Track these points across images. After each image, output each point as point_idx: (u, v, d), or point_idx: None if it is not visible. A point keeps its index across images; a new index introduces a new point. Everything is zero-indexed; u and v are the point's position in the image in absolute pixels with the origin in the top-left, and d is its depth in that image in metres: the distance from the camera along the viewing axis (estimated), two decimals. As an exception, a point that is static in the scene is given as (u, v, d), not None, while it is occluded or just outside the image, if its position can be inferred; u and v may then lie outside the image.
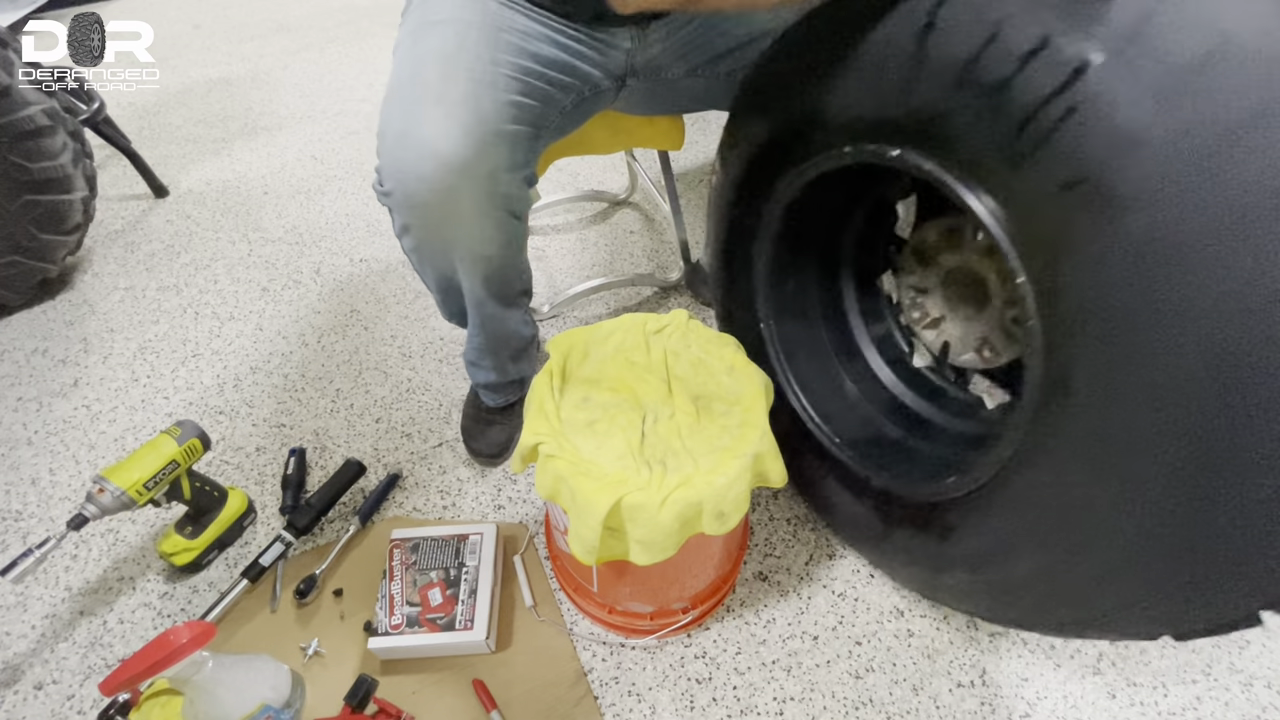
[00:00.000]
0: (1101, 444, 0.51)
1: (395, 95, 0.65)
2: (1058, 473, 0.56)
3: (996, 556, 0.64)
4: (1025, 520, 0.60)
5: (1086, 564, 0.56)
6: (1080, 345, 0.51)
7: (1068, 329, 0.51)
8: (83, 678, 0.80)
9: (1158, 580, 0.52)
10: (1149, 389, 0.47)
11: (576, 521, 0.61)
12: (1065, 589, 0.59)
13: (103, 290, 1.38)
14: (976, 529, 0.65)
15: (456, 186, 0.63)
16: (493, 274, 0.76)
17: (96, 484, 0.77)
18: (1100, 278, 0.47)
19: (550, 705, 0.76)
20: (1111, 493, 0.52)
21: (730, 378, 0.71)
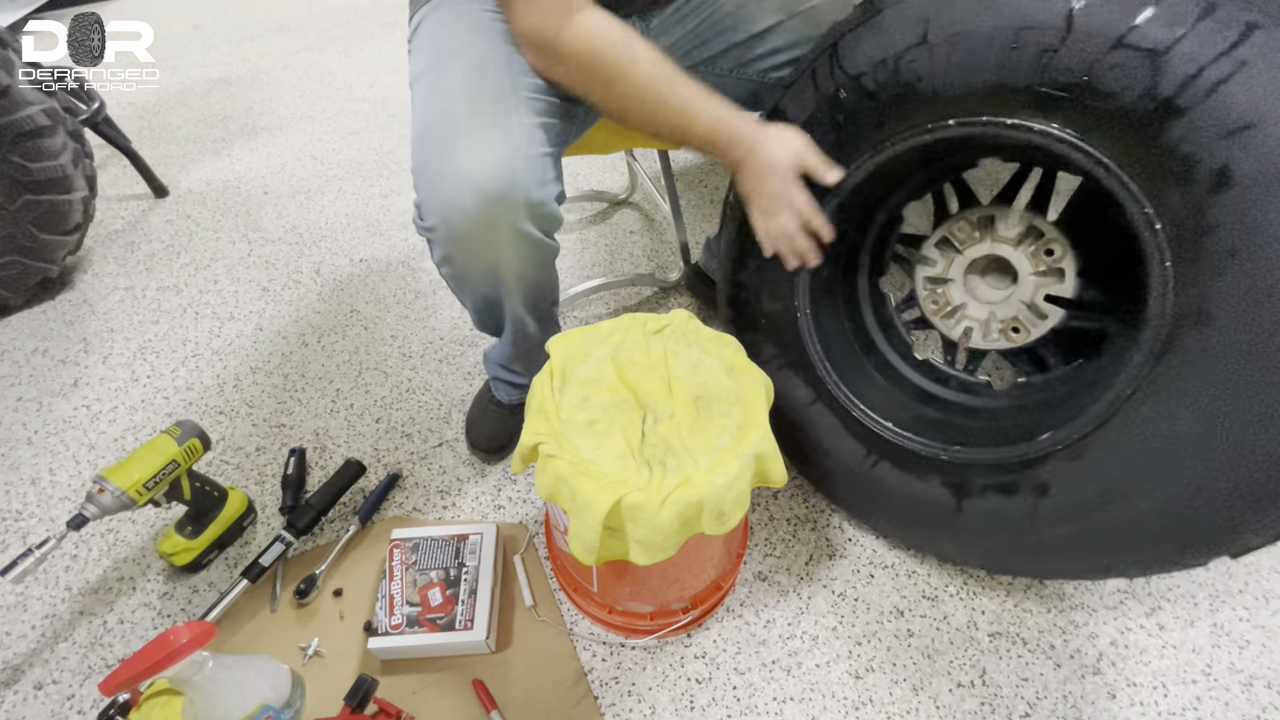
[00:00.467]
0: (1248, 361, 0.56)
1: (427, 133, 0.66)
2: (1193, 400, 0.60)
3: (1114, 498, 0.66)
4: (1151, 455, 0.63)
5: (1224, 481, 0.59)
6: (1229, 277, 0.56)
7: (1214, 264, 0.57)
8: (83, 678, 0.80)
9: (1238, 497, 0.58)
10: None
11: (576, 521, 0.61)
12: (1197, 513, 0.62)
13: (103, 290, 1.38)
14: (1085, 477, 0.67)
15: (496, 216, 0.64)
16: (529, 291, 0.77)
17: (96, 484, 0.77)
18: (1253, 212, 0.54)
19: (550, 705, 0.76)
20: (1258, 405, 0.56)
21: (730, 378, 0.71)
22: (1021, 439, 0.72)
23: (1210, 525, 0.62)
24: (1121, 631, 0.81)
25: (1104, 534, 0.68)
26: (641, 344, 0.74)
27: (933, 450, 0.78)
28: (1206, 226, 0.56)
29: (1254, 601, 0.84)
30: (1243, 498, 0.59)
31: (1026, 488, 0.71)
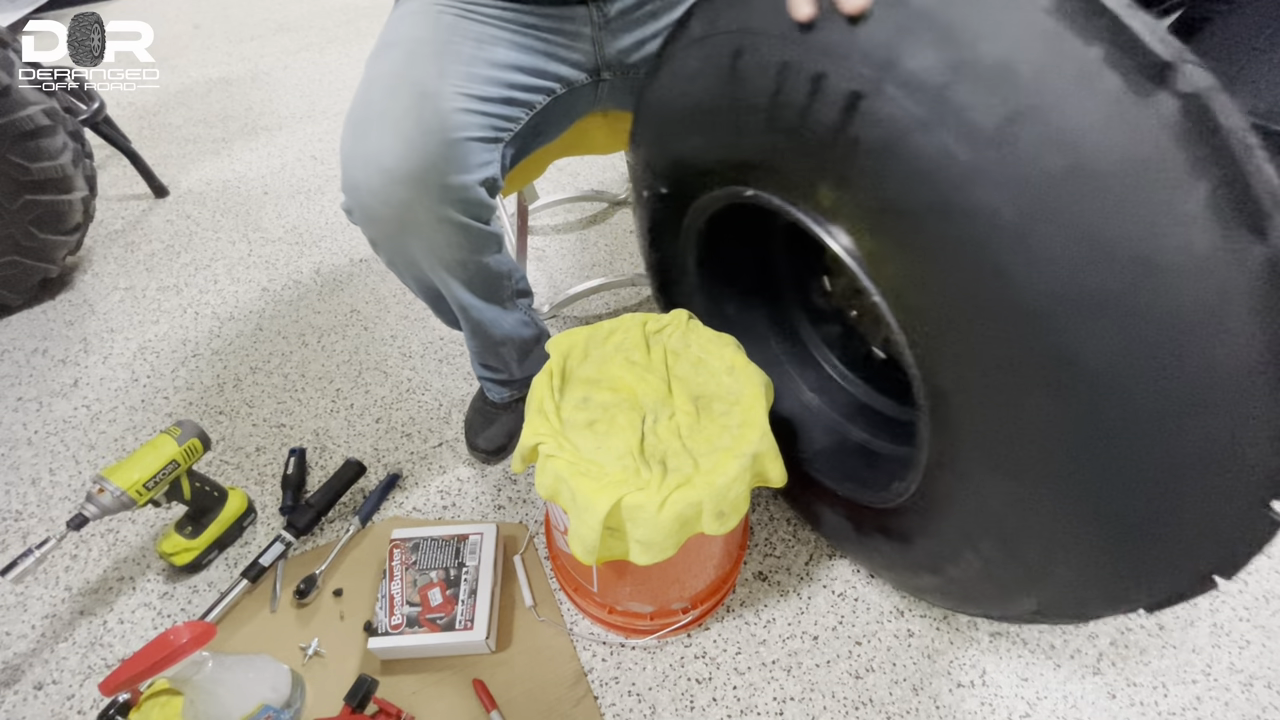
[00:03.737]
0: (989, 442, 0.53)
1: (349, 116, 0.68)
2: (967, 475, 0.57)
3: (947, 557, 0.65)
4: (958, 522, 0.61)
5: (1022, 558, 0.56)
6: (938, 351, 0.53)
7: (924, 336, 0.53)
8: (83, 678, 0.80)
9: (1093, 562, 0.52)
10: (1007, 383, 0.48)
11: (576, 521, 0.61)
12: (1013, 583, 0.60)
13: (103, 290, 1.38)
14: (925, 532, 0.66)
15: (408, 198, 0.65)
16: (473, 279, 0.76)
17: (96, 484, 0.77)
18: (932, 285, 0.50)
19: (550, 705, 0.76)
20: (1016, 487, 0.53)
21: (730, 377, 0.71)
22: (886, 485, 0.70)
23: (1037, 594, 0.59)
24: (1121, 631, 0.81)
25: (956, 586, 0.67)
26: (641, 344, 0.74)
27: (830, 483, 0.79)
28: (906, 303, 0.54)
29: (1254, 601, 0.84)
30: (1047, 573, 0.56)
31: (895, 533, 0.71)
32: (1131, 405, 0.43)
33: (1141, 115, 0.39)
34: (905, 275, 0.53)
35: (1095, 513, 0.49)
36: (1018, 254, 0.44)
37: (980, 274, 0.46)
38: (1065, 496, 0.50)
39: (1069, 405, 0.45)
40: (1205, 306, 0.40)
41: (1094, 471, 0.47)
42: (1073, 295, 0.42)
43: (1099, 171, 0.40)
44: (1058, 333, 0.44)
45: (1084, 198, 0.41)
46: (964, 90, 0.43)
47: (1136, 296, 0.40)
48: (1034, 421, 0.48)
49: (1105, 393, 0.43)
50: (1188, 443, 0.43)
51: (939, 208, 0.46)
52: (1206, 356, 0.40)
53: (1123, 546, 0.50)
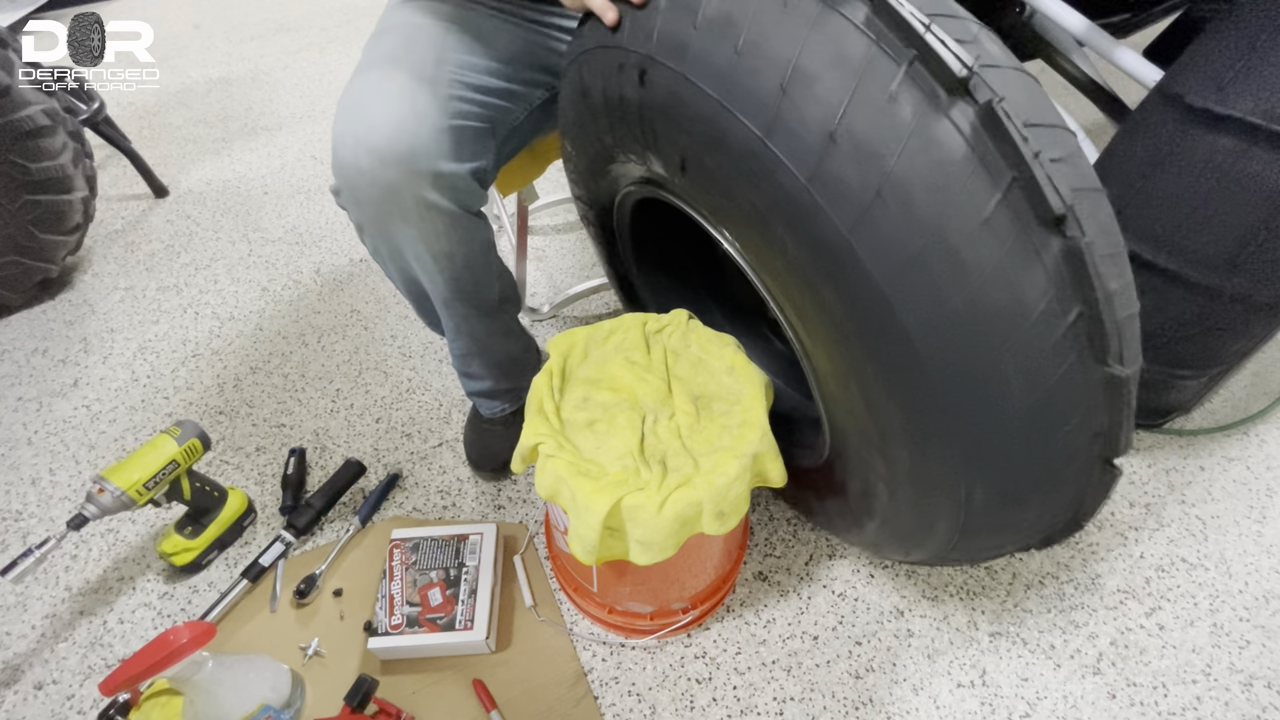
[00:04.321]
0: (853, 409, 0.59)
1: (344, 98, 0.67)
2: (847, 436, 0.64)
3: (872, 510, 0.68)
4: (860, 473, 0.66)
5: (908, 508, 0.62)
6: (793, 317, 0.59)
7: (786, 304, 0.59)
8: (83, 678, 0.80)
9: (964, 516, 0.57)
10: (856, 362, 0.54)
11: (576, 521, 0.61)
12: (913, 533, 0.65)
13: (103, 290, 1.38)
14: (849, 482, 0.70)
15: (396, 181, 0.65)
16: (459, 274, 0.75)
17: (96, 484, 0.77)
18: (765, 250, 0.56)
19: (550, 705, 0.76)
20: (883, 449, 0.58)
21: (730, 377, 0.71)
22: (814, 444, 0.75)
23: (941, 543, 0.64)
24: (1121, 631, 0.81)
25: (892, 536, 0.71)
26: (641, 344, 0.74)
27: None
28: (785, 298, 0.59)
29: (1254, 601, 0.84)
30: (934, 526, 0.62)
31: (835, 489, 0.74)
32: (957, 380, 0.47)
33: (937, 127, 0.42)
34: (740, 228, 0.58)
35: (955, 472, 0.54)
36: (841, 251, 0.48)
37: (793, 238, 0.51)
38: (923, 456, 0.55)
39: (907, 378, 0.50)
40: (1011, 297, 0.43)
41: (946, 441, 0.52)
42: (898, 295, 0.46)
43: (904, 183, 0.43)
44: (892, 319, 0.47)
45: (893, 212, 0.44)
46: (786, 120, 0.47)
47: (952, 294, 0.44)
48: (881, 393, 0.54)
49: (932, 367, 0.48)
50: (1015, 413, 0.48)
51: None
52: (1015, 337, 0.45)
53: (989, 506, 0.55)
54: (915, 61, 0.42)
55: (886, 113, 0.42)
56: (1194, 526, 0.92)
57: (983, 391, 0.47)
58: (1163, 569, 0.87)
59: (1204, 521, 0.92)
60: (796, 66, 0.45)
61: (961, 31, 0.43)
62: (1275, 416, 1.05)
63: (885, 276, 0.46)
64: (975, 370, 0.46)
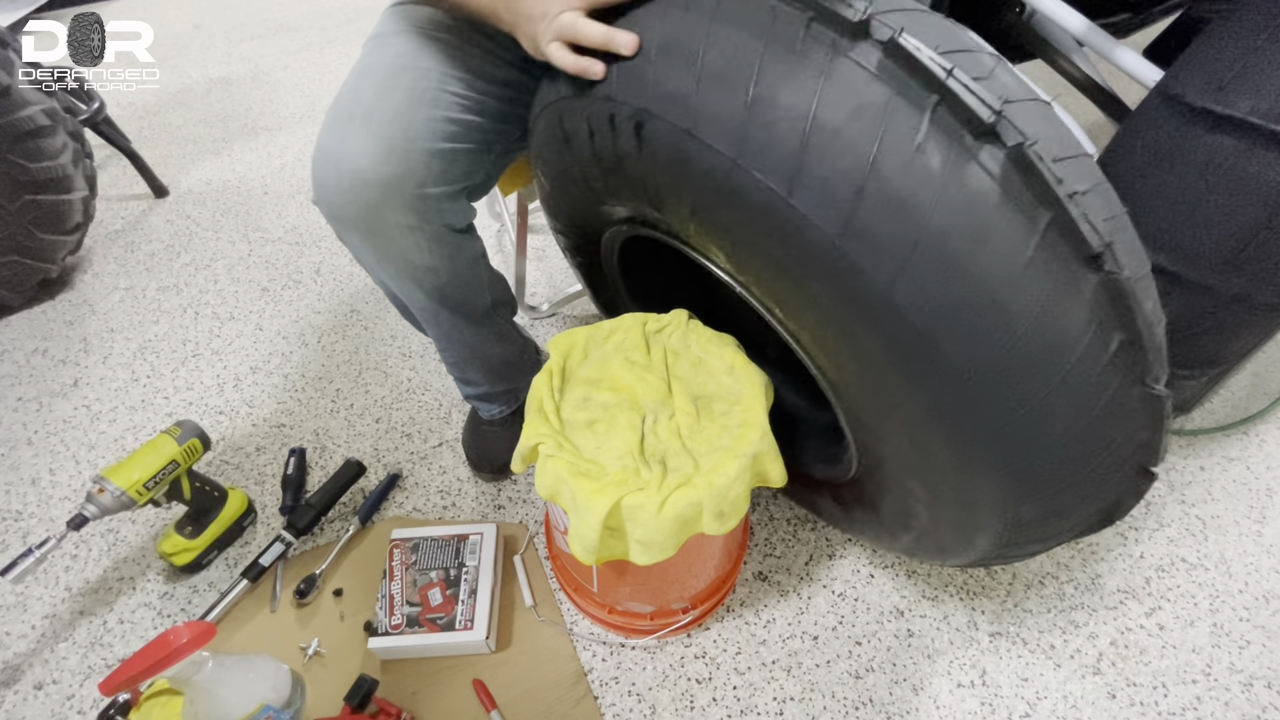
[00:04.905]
0: (883, 437, 0.59)
1: (332, 108, 0.65)
2: (880, 446, 0.62)
3: (905, 515, 0.68)
4: (896, 482, 0.65)
5: (948, 515, 0.61)
6: (819, 346, 0.57)
7: (802, 332, 0.58)
8: (83, 678, 0.80)
9: (1007, 517, 0.56)
10: (873, 379, 0.53)
11: (576, 521, 0.61)
12: (954, 537, 0.64)
13: (103, 290, 1.38)
14: (883, 495, 0.69)
15: (378, 202, 0.63)
16: (444, 287, 0.74)
17: (96, 484, 0.77)
18: (784, 290, 0.54)
19: (550, 705, 0.76)
20: (919, 467, 0.58)
21: (730, 377, 0.71)
22: (842, 459, 0.74)
23: (981, 544, 0.64)
24: (1121, 631, 0.81)
25: (929, 543, 0.70)
26: (641, 344, 0.74)
27: (801, 467, 0.80)
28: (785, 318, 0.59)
29: (1254, 601, 0.84)
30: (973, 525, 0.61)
31: (865, 501, 0.74)
32: (1004, 416, 0.47)
33: (969, 174, 0.41)
34: (760, 277, 0.56)
35: (1001, 497, 0.53)
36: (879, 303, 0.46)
37: (815, 277, 0.49)
38: (968, 485, 0.54)
39: (952, 417, 0.50)
40: (1056, 335, 0.43)
41: (993, 471, 0.51)
42: (941, 342, 0.45)
43: (941, 234, 0.42)
44: (936, 364, 0.47)
45: (932, 263, 0.43)
46: (810, 178, 0.45)
47: (998, 338, 0.44)
48: (925, 430, 0.53)
49: (979, 407, 0.47)
50: (1062, 441, 0.48)
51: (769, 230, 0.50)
52: (1062, 373, 0.44)
53: (1034, 522, 0.55)
54: (939, 106, 0.41)
55: (916, 163, 0.41)
56: (1194, 526, 0.92)
57: (1031, 425, 0.47)
58: (1163, 569, 0.87)
59: (1204, 521, 0.92)
60: (814, 120, 0.43)
61: (979, 68, 0.42)
62: (1275, 416, 1.05)
63: (928, 325, 0.45)
64: (1023, 406, 0.46)
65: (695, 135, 0.49)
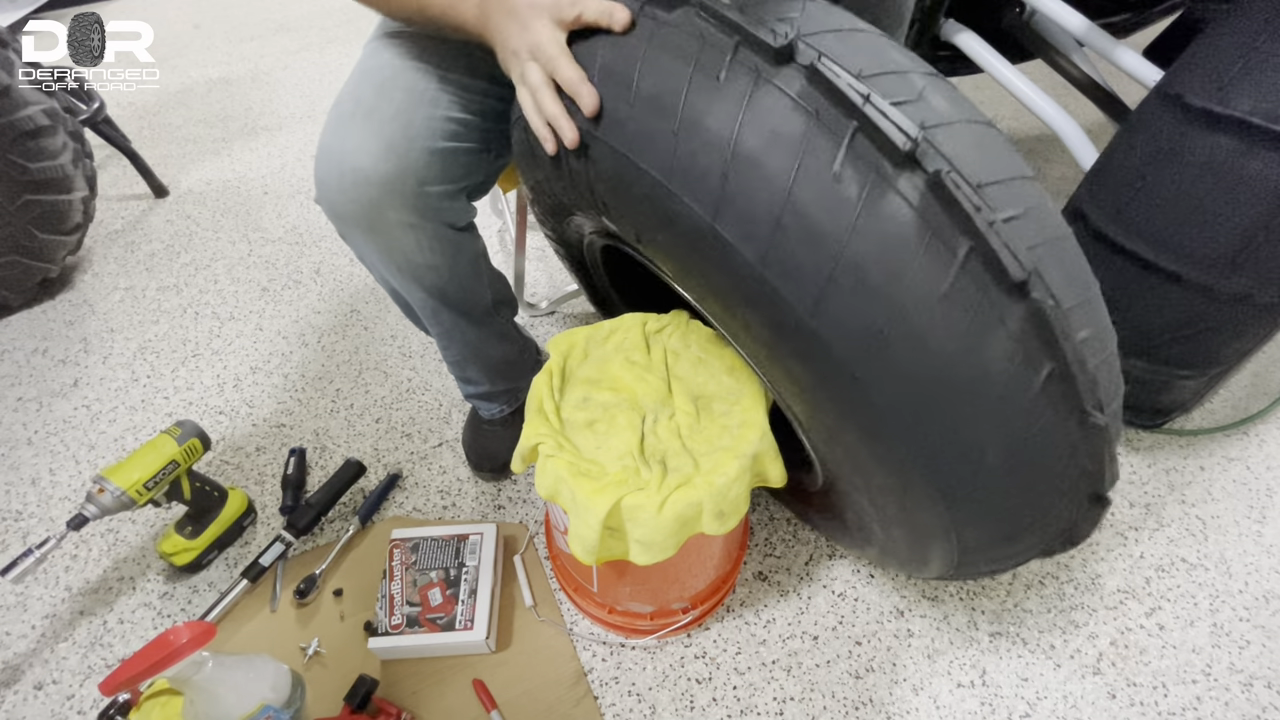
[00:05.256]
0: (829, 458, 0.60)
1: (334, 109, 0.66)
2: (841, 489, 0.64)
3: (870, 539, 0.68)
4: (855, 516, 0.67)
5: (902, 534, 0.61)
6: (769, 377, 0.57)
7: (749, 348, 0.57)
8: (83, 678, 0.80)
9: (945, 542, 0.56)
10: (821, 400, 0.52)
11: (576, 521, 0.61)
12: (911, 561, 0.64)
13: (103, 290, 1.38)
14: (846, 508, 0.70)
15: (379, 200, 0.63)
16: (445, 286, 0.74)
17: (96, 484, 0.77)
18: (718, 299, 0.54)
19: (550, 705, 0.76)
20: (867, 493, 0.58)
21: (730, 377, 0.71)
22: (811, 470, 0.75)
23: (943, 560, 0.63)
24: (1121, 631, 0.81)
25: (891, 555, 0.70)
26: (641, 343, 0.74)
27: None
28: None
29: (1254, 601, 0.84)
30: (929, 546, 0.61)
31: (835, 510, 0.75)
32: (934, 445, 0.47)
33: (887, 203, 0.40)
34: (700, 298, 0.55)
35: (943, 521, 0.52)
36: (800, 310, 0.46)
37: (744, 294, 0.48)
38: (910, 508, 0.54)
39: (883, 444, 0.49)
40: (978, 366, 0.42)
41: (931, 496, 0.50)
42: (863, 371, 0.45)
43: (857, 264, 0.41)
44: (860, 393, 0.46)
45: (849, 294, 0.42)
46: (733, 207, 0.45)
47: (918, 368, 0.43)
48: (861, 453, 0.53)
49: (907, 436, 0.47)
50: (996, 470, 0.47)
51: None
52: (987, 403, 0.43)
53: (981, 544, 0.55)
54: (857, 134, 0.40)
55: (832, 193, 0.40)
56: (1194, 526, 0.92)
57: (963, 454, 0.46)
58: (1163, 569, 0.87)
59: (1204, 521, 0.92)
60: (736, 148, 0.43)
61: (905, 90, 0.41)
62: (1275, 416, 1.05)
63: (849, 354, 0.44)
64: (952, 436, 0.45)
65: (632, 159, 0.48)
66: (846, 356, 0.44)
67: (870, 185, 0.40)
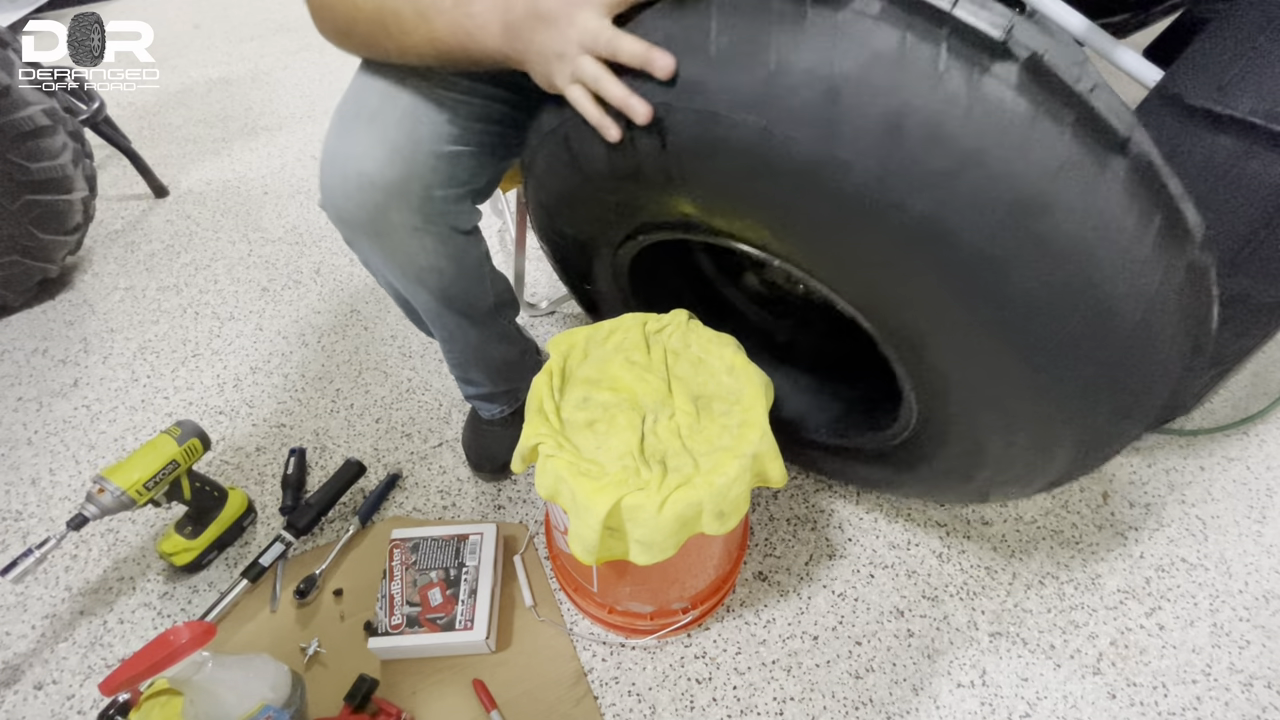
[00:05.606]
0: (949, 376, 0.60)
1: (337, 113, 0.65)
2: (949, 417, 0.65)
3: (982, 462, 0.69)
4: (966, 443, 0.67)
5: (1027, 438, 0.62)
6: (879, 312, 0.59)
7: (863, 295, 0.60)
8: (83, 678, 0.80)
9: (1076, 430, 0.59)
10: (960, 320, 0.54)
11: (576, 521, 0.61)
12: (1029, 470, 0.66)
13: (103, 290, 1.38)
14: (949, 451, 0.71)
15: (384, 204, 0.63)
16: (448, 289, 0.74)
17: (96, 484, 0.77)
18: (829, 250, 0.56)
19: (550, 705, 0.76)
20: (992, 396, 0.59)
21: (730, 377, 0.71)
22: (885, 425, 0.77)
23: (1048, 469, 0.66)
24: (1121, 631, 0.82)
25: (981, 485, 0.73)
26: (641, 343, 0.74)
27: (852, 443, 0.83)
28: None
29: (1254, 601, 0.84)
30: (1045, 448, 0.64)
31: (927, 456, 0.76)
32: (1072, 320, 0.49)
33: (992, 91, 0.43)
34: (805, 242, 0.57)
35: (1077, 404, 0.55)
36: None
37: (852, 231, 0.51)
38: (1043, 399, 0.56)
39: (1023, 331, 0.51)
40: (1104, 226, 0.45)
41: (1067, 379, 0.54)
42: (1002, 256, 0.47)
43: (978, 153, 0.44)
44: (1000, 282, 0.49)
45: (976, 183, 0.45)
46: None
47: (1054, 239, 0.46)
48: (996, 355, 0.54)
49: (1048, 315, 0.49)
50: (1127, 332, 0.50)
51: None
52: (1117, 261, 0.47)
53: (1109, 423, 0.58)
54: (951, 36, 0.43)
55: (941, 91, 0.43)
56: (1194, 526, 0.92)
57: (1099, 320, 0.49)
58: (1163, 569, 0.87)
59: (1204, 521, 0.92)
60: (837, 73, 0.45)
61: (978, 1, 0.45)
62: (1275, 416, 1.05)
63: (985, 243, 0.47)
64: (1089, 303, 0.48)
65: (722, 115, 0.50)
66: (984, 244, 0.47)
67: (975, 78, 0.43)
